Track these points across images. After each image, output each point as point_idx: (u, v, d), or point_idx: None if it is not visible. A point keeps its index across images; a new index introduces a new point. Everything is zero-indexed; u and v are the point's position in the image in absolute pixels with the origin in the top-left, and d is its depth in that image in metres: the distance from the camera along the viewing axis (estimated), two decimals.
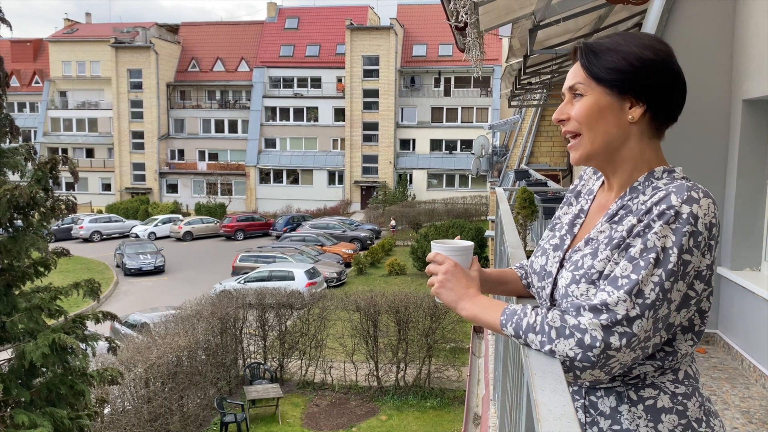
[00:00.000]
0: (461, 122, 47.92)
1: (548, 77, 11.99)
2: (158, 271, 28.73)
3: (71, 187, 33.92)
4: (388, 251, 30.96)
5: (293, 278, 22.58)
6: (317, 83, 50.18)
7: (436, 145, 48.33)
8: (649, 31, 4.84)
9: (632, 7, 5.60)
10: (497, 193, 6.39)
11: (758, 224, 4.83)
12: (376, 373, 15.67)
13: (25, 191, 7.69)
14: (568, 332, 1.19)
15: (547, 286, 1.41)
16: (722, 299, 4.96)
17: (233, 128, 51.44)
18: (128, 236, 37.24)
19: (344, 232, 35.00)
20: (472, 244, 1.48)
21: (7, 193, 7.61)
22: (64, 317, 8.06)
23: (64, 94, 52.93)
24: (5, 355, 8.05)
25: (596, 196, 1.45)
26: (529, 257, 1.60)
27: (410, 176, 47.71)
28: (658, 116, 1.32)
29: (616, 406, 1.30)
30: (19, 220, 8.19)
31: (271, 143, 50.61)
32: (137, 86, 50.26)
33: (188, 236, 37.93)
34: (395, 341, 15.61)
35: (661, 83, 1.29)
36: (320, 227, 35.85)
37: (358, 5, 51.72)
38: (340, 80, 49.07)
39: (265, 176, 50.39)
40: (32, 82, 53.39)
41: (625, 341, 1.16)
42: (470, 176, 43.38)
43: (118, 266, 29.58)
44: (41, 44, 54.54)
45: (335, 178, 49.41)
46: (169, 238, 38.09)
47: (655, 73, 1.28)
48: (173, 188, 51.45)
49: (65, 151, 50.25)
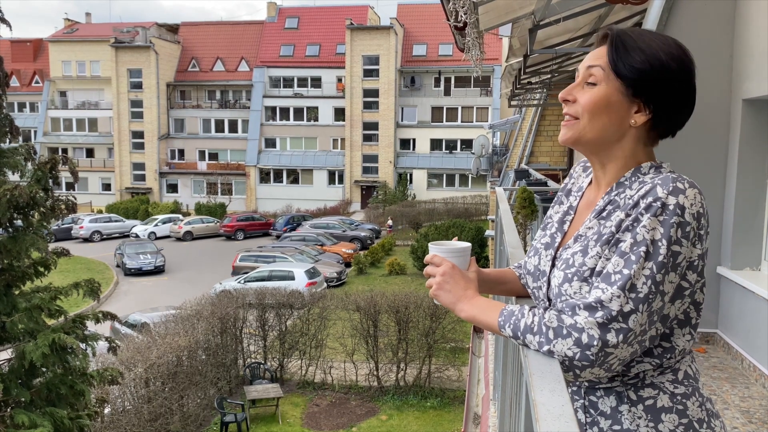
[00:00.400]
0: (461, 122, 47.90)
1: (548, 77, 11.99)
2: (158, 270, 28.74)
3: (71, 187, 33.96)
4: (388, 251, 30.97)
5: (293, 278, 22.58)
6: (317, 83, 50.17)
7: (436, 144, 48.32)
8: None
9: (632, 6, 5.60)
10: (497, 192, 6.39)
11: (758, 224, 4.83)
12: (376, 372, 15.67)
13: (25, 191, 7.69)
14: (565, 332, 1.19)
15: (542, 286, 1.41)
16: (722, 299, 4.95)
17: (233, 128, 51.44)
18: (128, 236, 37.22)
19: (344, 231, 35.00)
20: (469, 245, 1.48)
21: (7, 192, 7.61)
22: (64, 317, 8.06)
23: (64, 93, 52.93)
24: (5, 355, 8.05)
25: (585, 192, 1.45)
26: None
27: (410, 176, 47.68)
28: (658, 127, 1.32)
29: (616, 406, 1.30)
30: (19, 220, 8.18)
31: (271, 143, 50.60)
32: (137, 86, 50.25)
33: (188, 236, 37.92)
34: (395, 341, 15.61)
35: (673, 98, 1.29)
36: (320, 227, 35.83)
37: (358, 5, 51.69)
38: (340, 80, 49.06)
39: (265, 176, 50.38)
40: (32, 82, 53.39)
41: (621, 337, 1.17)
42: (470, 176, 43.37)
43: (118, 266, 29.58)
44: (41, 44, 54.54)
45: (335, 177, 49.40)
46: (169, 238, 38.09)
47: (671, 86, 1.27)
48: (173, 188, 51.44)
49: (65, 151, 50.26)
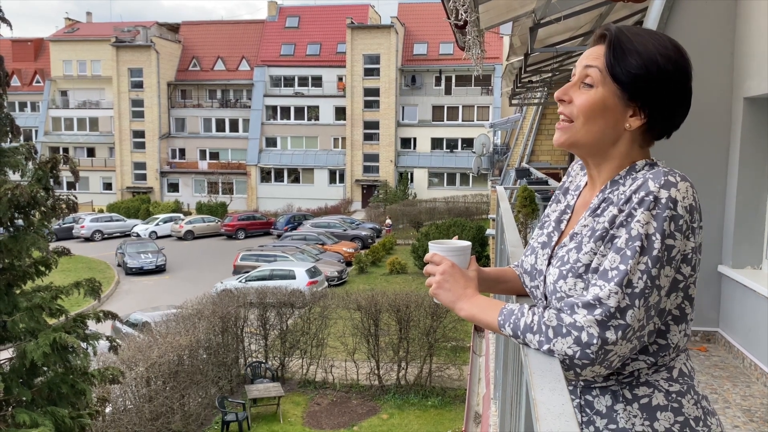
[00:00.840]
0: (462, 121, 47.88)
1: (549, 75, 11.96)
2: (159, 270, 28.77)
3: (72, 186, 33.70)
4: (389, 250, 30.98)
5: (294, 277, 22.59)
6: (318, 82, 50.16)
7: (437, 143, 48.30)
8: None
9: (633, 5, 5.59)
10: (498, 191, 6.39)
11: (759, 222, 4.82)
12: (377, 371, 15.68)
13: (25, 190, 7.70)
14: (565, 331, 1.19)
15: (539, 284, 1.40)
16: (723, 297, 4.95)
17: (234, 127, 51.45)
18: (129, 235, 37.27)
19: (345, 230, 35.00)
20: (469, 244, 1.47)
21: (7, 192, 7.62)
22: (65, 316, 8.07)
23: (65, 93, 52.96)
24: (6, 354, 8.06)
25: (582, 192, 1.45)
26: None
27: (411, 175, 47.64)
28: (653, 130, 1.32)
29: (611, 404, 1.30)
30: (19, 219, 8.20)
31: (272, 142, 50.61)
32: (138, 85, 50.28)
33: (189, 235, 37.94)
34: (396, 340, 15.61)
35: (669, 102, 1.28)
36: (321, 226, 35.85)
37: (358, 4, 51.68)
38: (340, 79, 49.05)
39: (266, 175, 50.38)
40: (33, 81, 53.43)
41: (620, 333, 1.17)
42: (471, 175, 43.34)
43: (119, 265, 29.61)
44: (42, 44, 54.58)
45: (336, 176, 49.40)
46: (170, 237, 38.12)
47: (667, 90, 1.27)
48: (174, 187, 51.45)
49: (66, 150, 50.31)
